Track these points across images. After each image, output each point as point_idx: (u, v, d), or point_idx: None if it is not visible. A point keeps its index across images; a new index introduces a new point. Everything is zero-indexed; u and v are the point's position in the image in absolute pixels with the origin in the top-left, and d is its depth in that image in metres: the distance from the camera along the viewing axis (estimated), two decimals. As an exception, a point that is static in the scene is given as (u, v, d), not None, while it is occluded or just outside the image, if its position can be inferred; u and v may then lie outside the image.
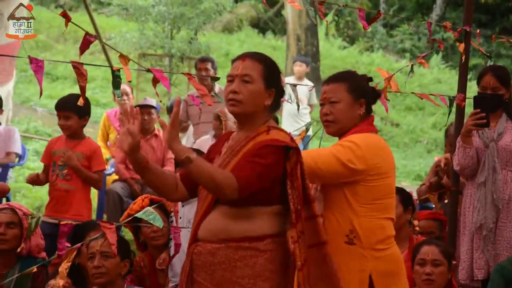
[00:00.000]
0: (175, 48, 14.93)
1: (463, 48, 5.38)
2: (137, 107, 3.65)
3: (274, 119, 3.50)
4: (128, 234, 6.34)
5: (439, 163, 5.98)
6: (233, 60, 3.46)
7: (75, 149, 5.90)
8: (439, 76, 19.05)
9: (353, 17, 20.67)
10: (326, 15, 4.91)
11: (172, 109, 3.18)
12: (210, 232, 3.32)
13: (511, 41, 6.15)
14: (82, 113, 5.86)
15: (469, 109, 5.10)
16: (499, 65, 5.83)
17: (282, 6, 21.03)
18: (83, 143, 5.95)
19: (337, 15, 20.77)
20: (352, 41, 21.14)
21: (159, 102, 5.27)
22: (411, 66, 5.32)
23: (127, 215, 5.15)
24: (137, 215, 4.21)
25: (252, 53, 3.45)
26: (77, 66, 3.67)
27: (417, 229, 5.32)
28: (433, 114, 16.59)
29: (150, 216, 3.89)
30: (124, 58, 3.86)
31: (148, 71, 3.99)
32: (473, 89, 5.55)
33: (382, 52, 20.44)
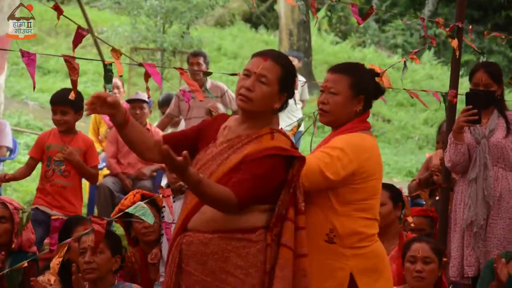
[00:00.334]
0: (167, 42, 14.90)
1: (456, 44, 5.37)
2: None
3: None
4: (119, 229, 6.32)
5: (437, 163, 5.92)
6: (255, 54, 3.44)
7: (71, 144, 5.85)
8: (431, 72, 19.06)
9: (345, 12, 20.66)
10: (318, 10, 4.89)
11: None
12: (202, 222, 3.32)
13: (503, 37, 6.15)
14: (77, 108, 5.81)
15: (461, 105, 5.09)
16: (491, 61, 5.82)
17: (274, 0, 21.01)
18: (77, 137, 5.90)
19: (329, 10, 20.74)
20: (344, 36, 21.12)
21: (149, 98, 5.24)
22: (404, 62, 5.31)
23: (118, 210, 5.12)
24: (128, 210, 4.19)
25: (275, 54, 3.44)
26: (69, 60, 3.65)
27: (412, 225, 5.28)
28: (424, 110, 16.55)
29: (141, 211, 3.87)
30: (116, 52, 3.84)
31: (140, 65, 3.96)
32: (464, 86, 5.56)
33: (374, 47, 20.42)
